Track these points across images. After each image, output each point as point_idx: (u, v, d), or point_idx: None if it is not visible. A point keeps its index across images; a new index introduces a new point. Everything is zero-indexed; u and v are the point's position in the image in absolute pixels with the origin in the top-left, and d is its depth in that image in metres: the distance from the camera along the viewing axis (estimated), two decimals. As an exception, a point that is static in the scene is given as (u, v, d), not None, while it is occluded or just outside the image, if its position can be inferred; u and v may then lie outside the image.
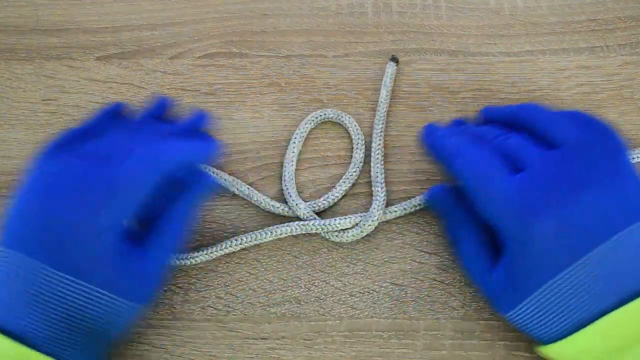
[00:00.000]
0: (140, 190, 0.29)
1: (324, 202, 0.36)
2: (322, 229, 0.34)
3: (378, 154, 0.36)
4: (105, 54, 0.39)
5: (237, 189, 0.36)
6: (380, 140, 0.36)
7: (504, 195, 0.29)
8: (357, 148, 0.36)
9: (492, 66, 0.38)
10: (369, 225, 0.34)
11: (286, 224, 0.35)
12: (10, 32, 0.40)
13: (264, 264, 0.35)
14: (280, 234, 0.34)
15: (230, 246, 0.34)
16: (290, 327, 0.34)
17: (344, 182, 0.36)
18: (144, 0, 0.40)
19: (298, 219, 0.35)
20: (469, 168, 0.30)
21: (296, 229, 0.34)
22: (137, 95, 0.38)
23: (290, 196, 0.35)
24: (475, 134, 0.33)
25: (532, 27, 0.39)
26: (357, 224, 0.34)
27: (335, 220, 0.34)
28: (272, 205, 0.35)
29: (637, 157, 0.35)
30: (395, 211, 0.35)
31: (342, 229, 0.34)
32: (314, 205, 0.35)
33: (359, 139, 0.36)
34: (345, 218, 0.34)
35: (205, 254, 0.34)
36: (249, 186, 0.36)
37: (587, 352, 0.28)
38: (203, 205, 0.35)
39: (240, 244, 0.34)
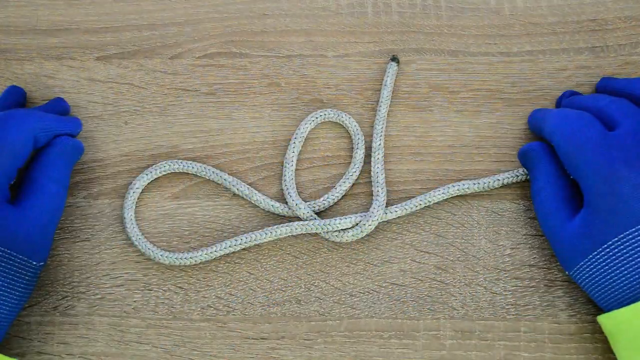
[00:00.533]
0: (19, 152, 0.32)
1: (324, 202, 0.36)
2: (322, 229, 0.34)
3: (378, 154, 0.36)
4: (105, 54, 0.39)
5: (237, 189, 0.36)
6: (380, 140, 0.36)
7: (596, 145, 0.30)
8: (357, 148, 0.36)
9: (492, 66, 0.38)
10: (369, 225, 0.34)
11: (286, 224, 0.35)
12: (10, 32, 0.40)
13: (264, 264, 0.35)
14: (280, 234, 0.34)
15: (230, 246, 0.34)
16: (290, 327, 0.34)
17: (344, 182, 0.36)
18: (144, 0, 0.40)
19: (298, 219, 0.35)
20: (563, 122, 0.32)
21: (296, 229, 0.34)
22: (137, 95, 0.38)
23: (290, 196, 0.35)
24: (579, 100, 0.35)
25: (532, 27, 0.39)
26: (357, 224, 0.34)
27: (335, 220, 0.34)
28: (272, 205, 0.35)
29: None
30: (395, 211, 0.35)
31: (342, 229, 0.34)
32: (314, 205, 0.35)
33: (359, 138, 0.36)
34: (345, 218, 0.34)
35: (205, 254, 0.34)
36: (249, 186, 0.36)
37: None
38: (75, 166, 0.37)
39: (240, 244, 0.34)
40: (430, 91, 0.38)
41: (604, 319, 0.30)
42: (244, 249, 0.35)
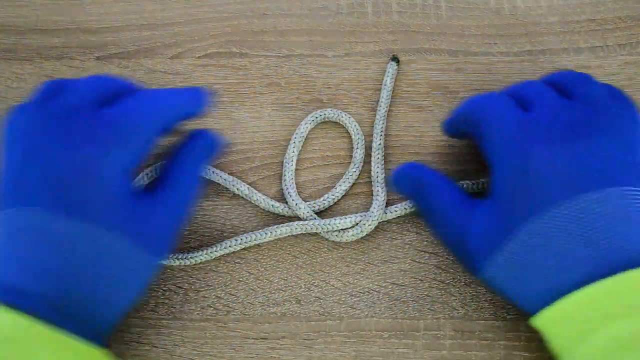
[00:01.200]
0: (144, 133, 0.29)
1: (324, 202, 0.36)
2: (322, 228, 0.34)
3: (378, 153, 0.36)
4: (105, 54, 0.39)
5: (237, 189, 0.36)
6: (380, 140, 0.36)
7: (509, 126, 0.29)
8: (357, 148, 0.36)
9: (492, 66, 0.38)
10: (369, 225, 0.34)
11: (286, 224, 0.35)
12: (10, 32, 0.40)
13: (264, 264, 0.35)
14: (280, 234, 0.34)
15: (230, 246, 0.34)
16: (290, 327, 0.34)
17: (344, 182, 0.36)
18: (144, 0, 0.40)
19: (298, 219, 0.35)
20: (478, 105, 0.31)
21: (296, 228, 0.34)
22: (137, 95, 0.38)
23: (290, 196, 0.35)
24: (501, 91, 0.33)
25: (532, 27, 0.39)
26: (357, 224, 0.34)
27: (335, 220, 0.34)
28: (272, 205, 0.35)
29: (637, 157, 0.35)
30: (395, 211, 0.35)
31: (342, 229, 0.34)
32: (314, 205, 0.35)
33: (358, 138, 0.36)
34: (345, 218, 0.34)
35: (205, 254, 0.34)
36: (249, 186, 0.36)
37: (569, 320, 0.27)
38: (208, 166, 0.35)
39: (240, 244, 0.34)
40: (430, 91, 0.38)
41: (537, 321, 0.29)
42: (244, 249, 0.35)
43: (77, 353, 0.27)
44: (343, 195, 0.36)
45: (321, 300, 0.34)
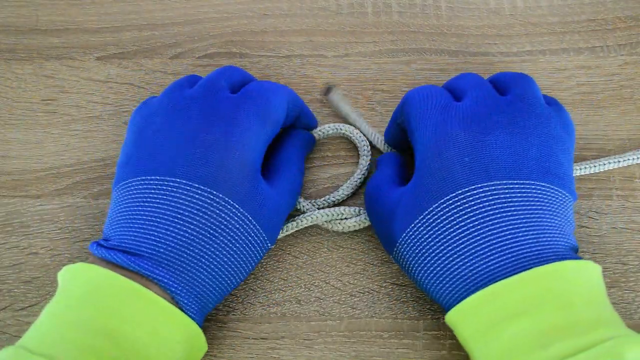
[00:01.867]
0: (279, 120, 0.31)
1: (325, 202, 0.35)
2: (326, 217, 0.34)
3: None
4: (105, 54, 0.39)
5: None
6: (385, 148, 0.36)
7: (433, 110, 0.30)
8: (364, 155, 0.36)
9: (492, 66, 0.38)
10: None
11: (290, 220, 0.34)
12: (10, 32, 0.40)
13: (264, 263, 0.35)
14: (286, 231, 0.34)
15: (230, 246, 0.34)
16: (290, 327, 0.34)
17: (348, 186, 0.35)
18: (144, 0, 0.40)
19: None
20: (415, 93, 0.31)
21: (301, 222, 0.34)
22: (137, 95, 0.38)
23: (290, 196, 0.35)
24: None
25: (532, 27, 0.39)
26: (358, 214, 0.34)
27: (338, 209, 0.34)
28: (272, 205, 0.35)
29: (638, 158, 0.35)
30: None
31: (344, 218, 0.34)
32: (315, 204, 0.35)
33: (364, 146, 0.36)
34: (348, 207, 0.34)
35: (205, 254, 0.34)
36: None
37: (476, 318, 0.27)
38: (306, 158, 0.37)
39: (240, 243, 0.34)
40: (430, 91, 0.38)
41: (448, 318, 0.29)
42: (244, 249, 0.35)
43: (169, 317, 0.27)
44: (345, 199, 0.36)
45: (321, 301, 0.34)
